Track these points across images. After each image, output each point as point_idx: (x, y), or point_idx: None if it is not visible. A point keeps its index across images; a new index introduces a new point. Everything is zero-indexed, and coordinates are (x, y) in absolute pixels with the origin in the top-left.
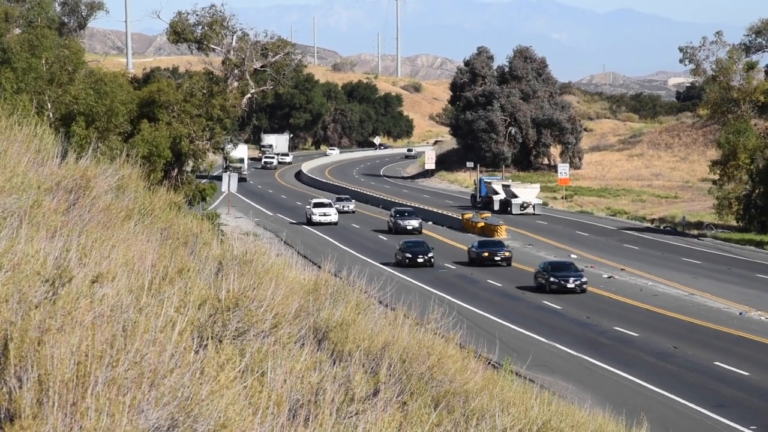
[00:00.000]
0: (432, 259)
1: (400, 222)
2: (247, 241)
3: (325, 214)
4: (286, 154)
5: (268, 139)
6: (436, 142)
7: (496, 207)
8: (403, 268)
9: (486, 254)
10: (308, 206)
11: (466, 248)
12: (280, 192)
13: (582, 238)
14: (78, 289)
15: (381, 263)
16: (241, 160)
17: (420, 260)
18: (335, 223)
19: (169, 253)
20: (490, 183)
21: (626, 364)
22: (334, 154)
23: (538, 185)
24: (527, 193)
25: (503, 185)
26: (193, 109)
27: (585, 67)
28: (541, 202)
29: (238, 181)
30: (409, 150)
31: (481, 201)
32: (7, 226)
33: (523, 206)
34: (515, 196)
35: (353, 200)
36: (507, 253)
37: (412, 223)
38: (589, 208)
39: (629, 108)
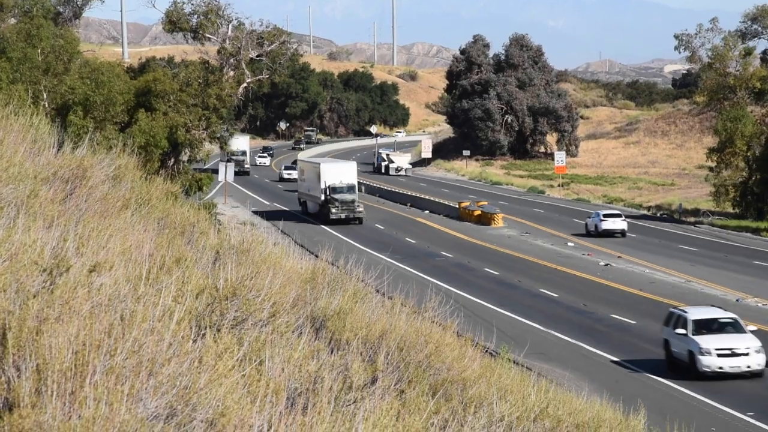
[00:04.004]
0: None
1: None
2: (244, 230)
3: None
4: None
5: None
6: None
7: (382, 171)
8: None
9: None
10: None
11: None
12: (277, 182)
13: (579, 226)
14: (76, 279)
15: None
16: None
17: None
18: None
19: (166, 243)
20: (380, 153)
21: (623, 352)
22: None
23: (409, 155)
24: (401, 160)
25: (386, 154)
26: (189, 99)
27: (581, 54)
28: (411, 167)
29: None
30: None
31: (378, 167)
32: (5, 215)
33: (397, 170)
34: (393, 162)
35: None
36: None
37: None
38: (585, 196)
39: (625, 95)
